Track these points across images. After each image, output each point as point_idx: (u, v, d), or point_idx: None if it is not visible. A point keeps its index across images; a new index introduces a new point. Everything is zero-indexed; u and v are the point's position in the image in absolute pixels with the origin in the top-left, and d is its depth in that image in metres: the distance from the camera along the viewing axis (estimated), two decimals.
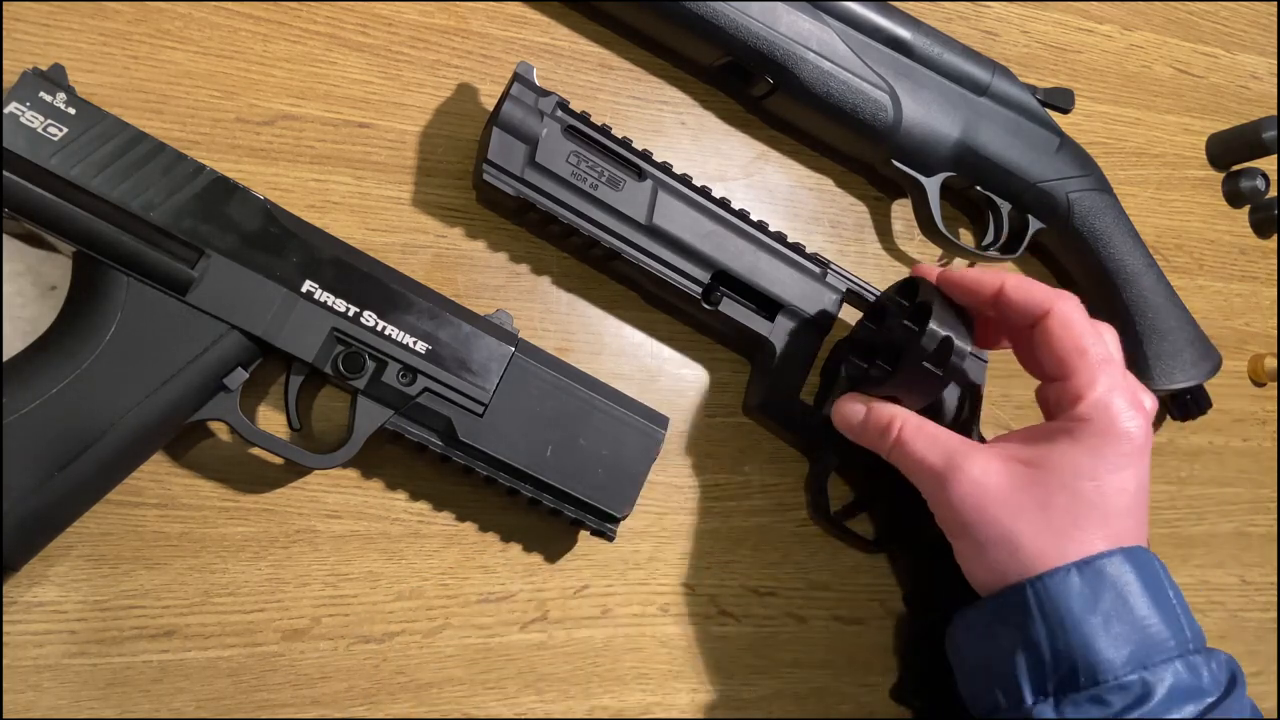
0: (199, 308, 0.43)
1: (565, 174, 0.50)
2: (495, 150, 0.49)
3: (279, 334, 0.44)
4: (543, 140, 0.49)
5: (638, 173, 0.52)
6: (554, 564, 0.53)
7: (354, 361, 0.46)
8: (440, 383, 0.47)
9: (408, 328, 0.46)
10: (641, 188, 0.51)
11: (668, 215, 0.52)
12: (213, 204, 0.44)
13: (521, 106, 0.49)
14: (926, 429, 0.49)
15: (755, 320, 0.54)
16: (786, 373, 0.55)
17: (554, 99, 0.50)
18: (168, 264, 0.43)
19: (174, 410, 0.43)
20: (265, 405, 0.49)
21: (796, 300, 0.54)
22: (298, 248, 0.45)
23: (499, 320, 0.49)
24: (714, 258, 0.53)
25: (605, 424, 0.50)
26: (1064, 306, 0.46)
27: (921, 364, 0.48)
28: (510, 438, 0.48)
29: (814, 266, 0.55)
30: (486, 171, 0.49)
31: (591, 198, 0.51)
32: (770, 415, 0.56)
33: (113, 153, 0.42)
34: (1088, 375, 0.45)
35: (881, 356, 0.53)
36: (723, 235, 0.53)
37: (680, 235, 0.52)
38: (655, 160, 0.52)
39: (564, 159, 0.50)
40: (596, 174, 0.51)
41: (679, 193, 0.52)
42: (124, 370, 0.42)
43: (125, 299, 0.42)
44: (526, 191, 0.50)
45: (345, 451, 0.46)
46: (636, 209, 0.51)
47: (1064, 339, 0.46)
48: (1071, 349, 0.45)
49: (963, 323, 0.49)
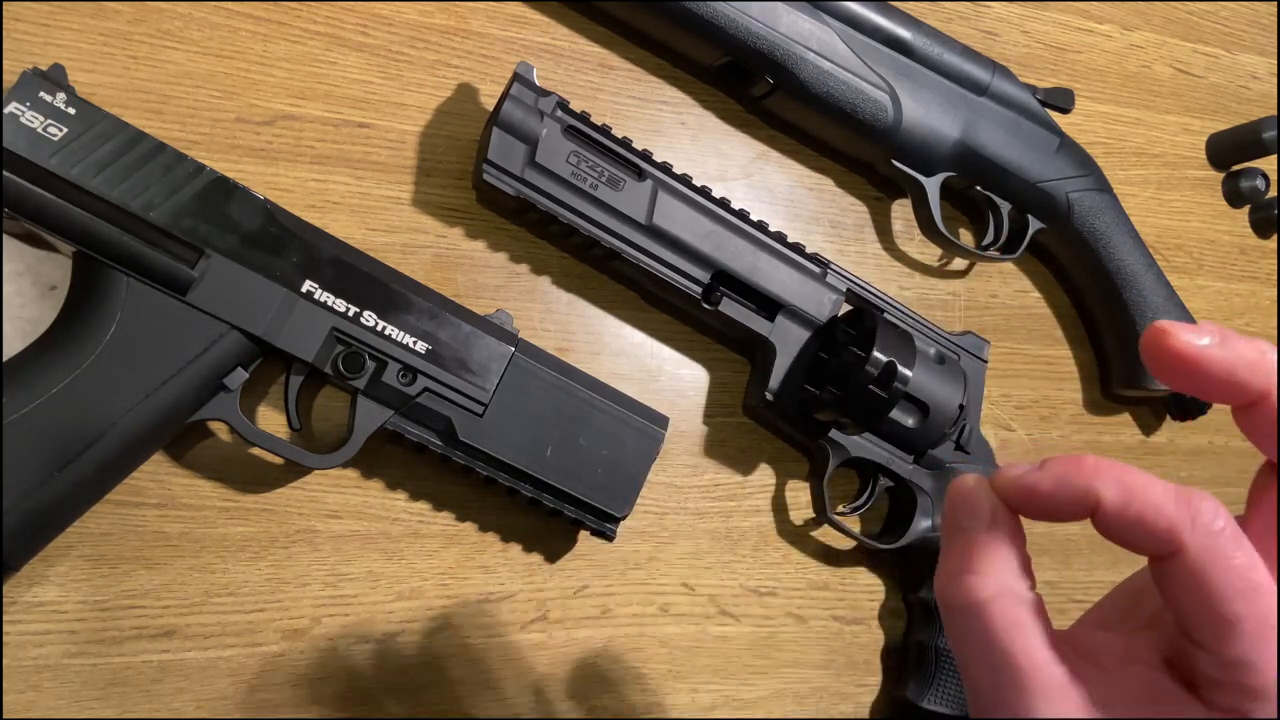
0: (199, 307, 0.43)
1: (565, 174, 0.50)
2: (495, 150, 0.49)
3: (279, 334, 0.44)
4: (543, 140, 0.49)
5: (638, 173, 0.52)
6: (554, 564, 0.53)
7: (354, 361, 0.46)
8: (440, 383, 0.47)
9: (408, 328, 0.46)
10: (641, 188, 0.51)
11: (668, 215, 0.52)
12: (213, 204, 0.44)
13: (521, 106, 0.49)
14: (1033, 625, 0.27)
15: (755, 320, 0.54)
16: (786, 373, 0.55)
17: (554, 99, 0.50)
18: (167, 264, 0.43)
19: (174, 410, 0.43)
20: (265, 405, 0.49)
21: (797, 300, 0.54)
22: (298, 247, 0.45)
23: (499, 320, 0.49)
24: (714, 257, 0.53)
25: (605, 424, 0.50)
26: (1206, 543, 0.26)
27: (868, 388, 0.50)
28: (510, 438, 0.48)
29: (814, 266, 0.55)
30: (487, 171, 0.49)
31: (591, 198, 0.50)
32: (771, 415, 0.56)
33: (112, 152, 0.42)
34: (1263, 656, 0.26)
35: (832, 382, 0.53)
36: (723, 235, 0.53)
37: (680, 235, 0.52)
38: (655, 160, 0.52)
39: (564, 159, 0.50)
40: (596, 174, 0.51)
41: (679, 193, 0.52)
42: (124, 370, 0.42)
43: (125, 299, 0.42)
44: (526, 191, 0.50)
45: (345, 451, 0.46)
46: (636, 209, 0.51)
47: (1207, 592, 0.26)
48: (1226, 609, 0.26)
49: (906, 347, 0.52)
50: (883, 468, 0.57)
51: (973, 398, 0.58)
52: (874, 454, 0.56)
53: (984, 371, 0.59)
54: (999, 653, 0.27)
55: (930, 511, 0.57)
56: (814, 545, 0.59)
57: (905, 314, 0.57)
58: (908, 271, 0.64)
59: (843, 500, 0.60)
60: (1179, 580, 0.26)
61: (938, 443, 0.56)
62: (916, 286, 0.65)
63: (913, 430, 0.54)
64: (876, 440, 0.56)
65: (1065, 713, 0.27)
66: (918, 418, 0.54)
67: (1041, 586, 0.28)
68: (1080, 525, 0.66)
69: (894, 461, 0.56)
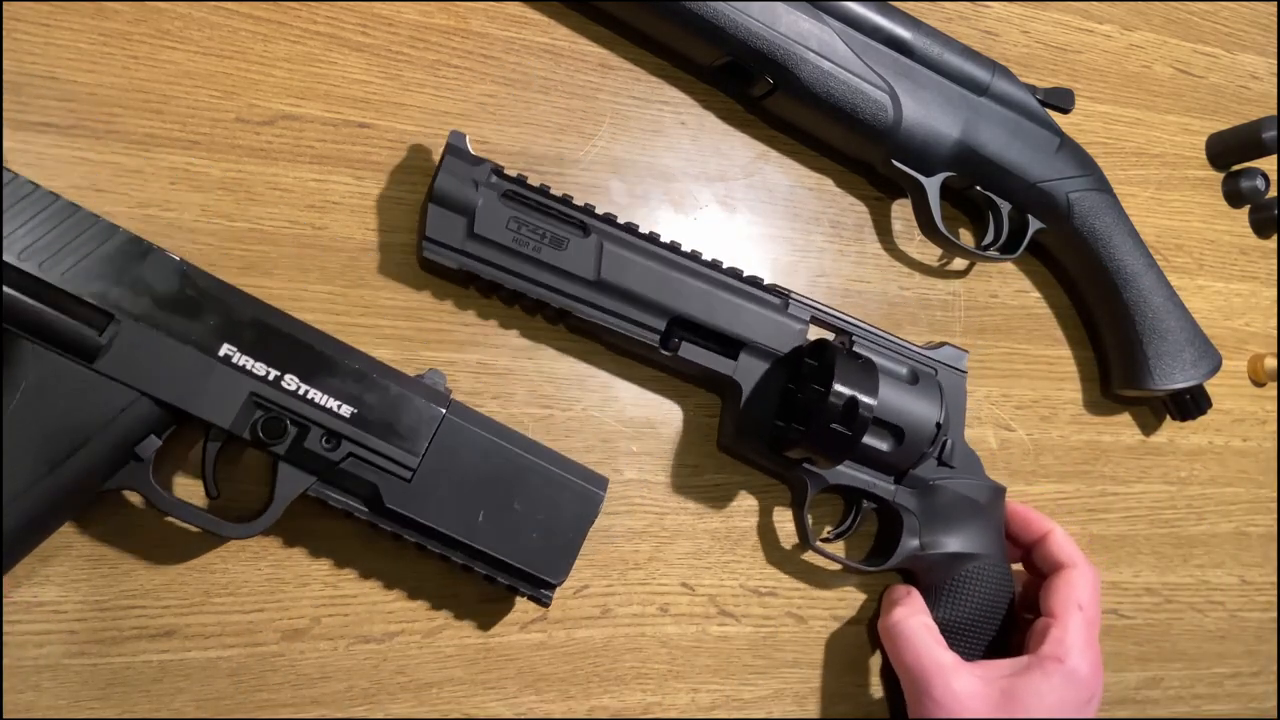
0: (107, 374, 0.41)
1: (506, 241, 0.49)
2: (433, 226, 0.48)
3: (193, 400, 0.42)
4: (480, 210, 0.49)
5: (582, 228, 0.51)
6: None
7: (274, 427, 0.44)
8: (366, 448, 0.45)
9: (332, 391, 0.45)
10: (586, 244, 0.51)
11: (616, 268, 0.51)
12: (124, 266, 0.42)
13: (455, 178, 0.48)
14: (928, 635, 0.54)
15: (718, 361, 0.53)
16: (754, 409, 0.54)
17: (487, 166, 0.49)
18: (74, 330, 0.41)
19: (83, 480, 0.41)
20: (185, 469, 0.47)
21: (758, 336, 0.53)
22: (215, 309, 0.43)
23: (431, 381, 0.48)
24: (668, 304, 0.52)
25: (541, 486, 0.48)
26: (1084, 574, 0.56)
27: (829, 426, 0.49)
28: (440, 503, 0.46)
29: (774, 299, 0.54)
30: (427, 249, 0.48)
31: (535, 260, 0.50)
32: (742, 451, 0.56)
33: (20, 214, 0.40)
34: (1073, 630, 0.53)
35: (798, 419, 0.53)
36: (675, 280, 0.52)
37: (630, 286, 0.51)
38: (598, 214, 0.51)
39: (504, 225, 0.49)
40: (539, 236, 0.50)
41: (626, 242, 0.51)
42: (29, 440, 0.40)
43: (31, 366, 0.40)
44: (469, 263, 0.49)
45: (264, 520, 0.44)
46: (583, 266, 0.50)
47: (1065, 594, 0.55)
48: (1070, 603, 0.55)
49: (867, 377, 0.50)
50: (864, 492, 0.56)
51: (953, 411, 0.57)
52: (853, 480, 0.55)
53: (964, 383, 0.58)
54: (911, 650, 0.54)
55: (918, 530, 0.57)
56: None
57: (874, 334, 0.56)
58: (908, 271, 0.64)
59: (831, 521, 0.60)
60: (1057, 579, 0.56)
61: (918, 462, 0.55)
62: (916, 286, 0.65)
63: (889, 454, 0.54)
64: (855, 465, 0.55)
65: (961, 684, 0.52)
66: (892, 442, 0.53)
67: None
68: (1080, 525, 0.66)
69: (875, 485, 0.56)
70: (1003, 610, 0.57)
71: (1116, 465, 0.69)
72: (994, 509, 0.59)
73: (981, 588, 0.57)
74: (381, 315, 0.51)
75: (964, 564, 0.57)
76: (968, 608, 0.56)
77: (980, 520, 0.58)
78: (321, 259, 0.51)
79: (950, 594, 0.57)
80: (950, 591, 0.57)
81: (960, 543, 0.57)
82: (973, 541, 0.57)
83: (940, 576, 0.57)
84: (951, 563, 0.57)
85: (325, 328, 0.46)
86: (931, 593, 0.57)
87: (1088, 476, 0.68)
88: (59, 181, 0.47)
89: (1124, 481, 0.69)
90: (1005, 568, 0.58)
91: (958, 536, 0.57)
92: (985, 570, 0.57)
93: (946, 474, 0.57)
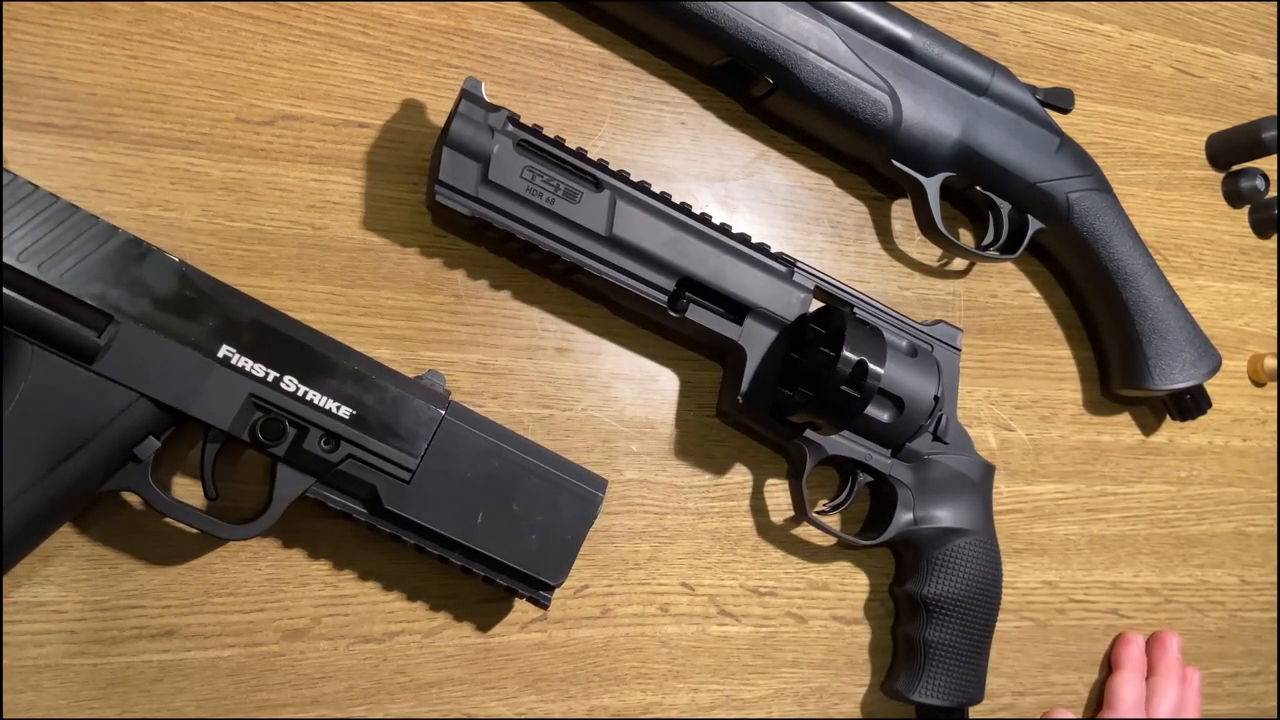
0: (106, 376, 0.41)
1: (520, 190, 0.49)
2: (447, 170, 0.48)
3: (192, 401, 0.42)
4: (495, 157, 0.48)
5: (595, 183, 0.51)
6: None
7: (273, 428, 0.44)
8: (365, 449, 0.45)
9: (331, 392, 0.45)
10: (599, 198, 0.50)
11: (628, 224, 0.51)
12: (124, 268, 0.42)
13: (471, 124, 0.48)
14: None
15: (724, 324, 0.54)
16: (757, 375, 0.54)
17: (504, 114, 0.49)
18: (73, 331, 0.41)
19: (81, 481, 0.41)
20: (184, 470, 0.47)
21: (764, 301, 0.54)
22: (214, 311, 0.43)
23: (430, 382, 0.47)
24: (678, 264, 0.52)
25: (540, 488, 0.48)
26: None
27: (839, 388, 0.50)
28: (439, 505, 0.46)
29: (780, 266, 0.55)
30: (439, 193, 0.48)
31: (549, 212, 0.49)
32: (744, 418, 0.56)
33: (19, 215, 0.40)
34: None
35: (804, 383, 0.53)
36: (686, 240, 0.52)
37: (642, 244, 0.51)
38: (612, 169, 0.51)
39: (518, 174, 0.49)
40: (552, 188, 0.50)
41: (639, 200, 0.51)
42: (28, 441, 0.40)
43: (30, 368, 0.40)
44: (482, 210, 0.49)
45: (262, 522, 0.44)
46: (595, 221, 0.50)
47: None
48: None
49: (876, 344, 0.51)
50: (861, 464, 0.56)
51: (948, 388, 0.58)
52: (851, 451, 0.56)
53: (958, 360, 0.59)
54: None
55: (911, 504, 0.57)
56: (814, 545, 0.59)
57: (874, 307, 0.57)
58: (908, 271, 0.64)
59: (825, 496, 0.60)
60: None
61: (915, 435, 0.56)
62: (916, 286, 0.65)
63: (889, 425, 0.54)
64: (853, 437, 0.56)
65: None
66: (893, 413, 0.54)
67: (1041, 586, 0.30)
68: (1080, 525, 0.66)
69: (872, 457, 0.56)
70: (990, 586, 0.58)
71: (1116, 465, 0.69)
72: (984, 486, 0.60)
73: (971, 563, 0.58)
74: (381, 315, 0.52)
75: (955, 539, 0.58)
76: (957, 583, 0.57)
77: (971, 496, 0.59)
78: (321, 259, 0.51)
79: (940, 569, 0.57)
80: (940, 566, 0.57)
81: (952, 518, 0.58)
82: (964, 517, 0.58)
83: (931, 551, 0.58)
84: (943, 538, 0.58)
85: (325, 328, 0.46)
86: (921, 567, 0.58)
87: (1088, 476, 0.68)
88: (59, 182, 0.47)
89: (1124, 481, 0.69)
90: (994, 545, 0.59)
91: (950, 511, 0.58)
92: (975, 546, 0.58)
93: (940, 449, 0.58)
